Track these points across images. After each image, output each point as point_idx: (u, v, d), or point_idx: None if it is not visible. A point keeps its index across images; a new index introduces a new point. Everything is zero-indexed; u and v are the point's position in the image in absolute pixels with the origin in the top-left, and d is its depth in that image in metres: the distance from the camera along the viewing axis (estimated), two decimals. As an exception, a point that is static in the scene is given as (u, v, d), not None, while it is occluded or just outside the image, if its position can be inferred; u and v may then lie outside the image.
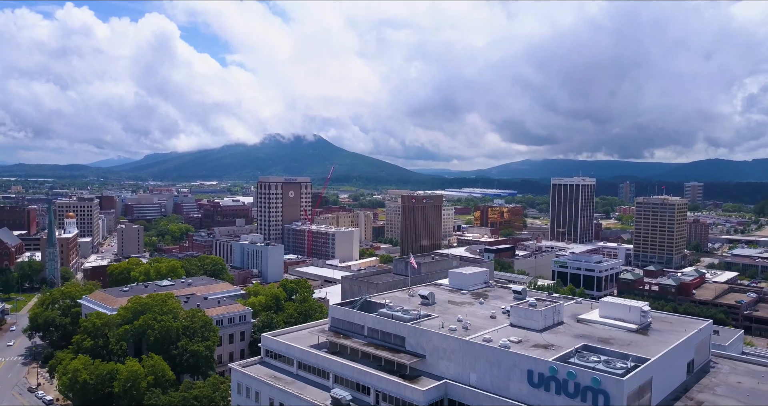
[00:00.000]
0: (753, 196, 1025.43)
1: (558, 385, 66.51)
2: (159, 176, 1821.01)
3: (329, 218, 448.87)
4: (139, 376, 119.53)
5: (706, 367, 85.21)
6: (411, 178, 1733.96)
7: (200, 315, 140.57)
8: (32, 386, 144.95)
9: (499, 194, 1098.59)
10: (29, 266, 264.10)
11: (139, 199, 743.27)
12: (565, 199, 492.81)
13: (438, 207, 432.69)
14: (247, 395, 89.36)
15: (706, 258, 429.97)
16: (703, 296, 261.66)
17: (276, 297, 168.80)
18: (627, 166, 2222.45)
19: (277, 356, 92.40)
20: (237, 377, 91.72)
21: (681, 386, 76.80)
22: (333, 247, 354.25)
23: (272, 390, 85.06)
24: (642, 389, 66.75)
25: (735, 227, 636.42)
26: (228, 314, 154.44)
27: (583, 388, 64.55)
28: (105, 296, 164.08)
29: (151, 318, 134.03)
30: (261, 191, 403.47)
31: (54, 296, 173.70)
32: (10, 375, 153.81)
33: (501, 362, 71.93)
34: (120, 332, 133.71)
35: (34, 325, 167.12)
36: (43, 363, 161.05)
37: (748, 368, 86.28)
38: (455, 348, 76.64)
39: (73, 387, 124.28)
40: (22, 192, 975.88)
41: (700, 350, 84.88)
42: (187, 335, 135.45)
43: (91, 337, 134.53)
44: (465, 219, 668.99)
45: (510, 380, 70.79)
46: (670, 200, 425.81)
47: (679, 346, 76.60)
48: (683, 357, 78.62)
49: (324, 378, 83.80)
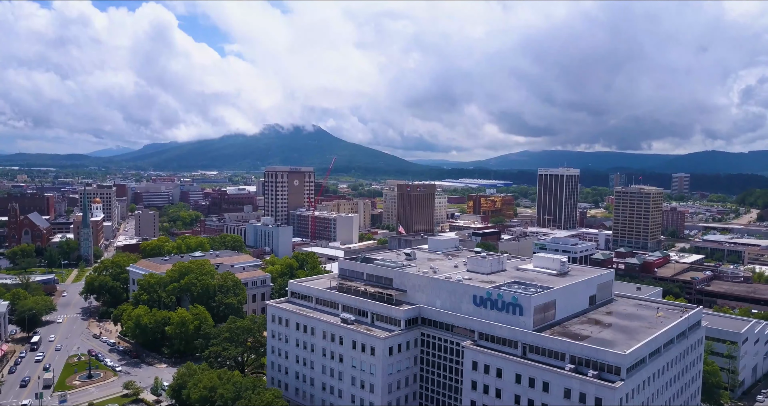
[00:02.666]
0: (743, 187, 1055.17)
1: (492, 303, 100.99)
2: (159, 166, 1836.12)
3: (331, 205, 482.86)
4: (187, 321, 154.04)
5: (608, 301, 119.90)
6: (409, 169, 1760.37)
7: (231, 277, 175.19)
8: (96, 334, 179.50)
9: (494, 185, 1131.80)
10: (67, 244, 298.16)
11: (148, 188, 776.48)
12: (551, 189, 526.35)
13: (431, 195, 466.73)
14: (279, 323, 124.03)
15: (680, 243, 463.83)
16: (664, 273, 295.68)
17: (290, 266, 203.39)
18: (625, 158, 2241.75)
19: (300, 296, 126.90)
20: (272, 310, 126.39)
21: (582, 310, 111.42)
22: (334, 231, 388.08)
23: (298, 317, 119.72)
24: (547, 306, 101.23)
25: (714, 216, 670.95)
26: (252, 278, 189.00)
27: (507, 304, 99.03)
28: (149, 263, 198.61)
29: (193, 278, 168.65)
30: (268, 180, 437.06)
31: (105, 265, 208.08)
32: (74, 327, 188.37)
33: (456, 291, 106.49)
34: (169, 288, 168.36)
35: (89, 288, 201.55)
36: (99, 318, 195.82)
37: (638, 303, 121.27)
38: (426, 284, 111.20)
39: (135, 330, 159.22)
40: (27, 181, 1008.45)
41: (603, 290, 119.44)
42: (222, 291, 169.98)
43: (146, 292, 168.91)
44: (459, 208, 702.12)
45: (461, 303, 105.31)
46: (646, 190, 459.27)
47: (580, 283, 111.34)
48: (585, 292, 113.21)
49: (335, 309, 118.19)
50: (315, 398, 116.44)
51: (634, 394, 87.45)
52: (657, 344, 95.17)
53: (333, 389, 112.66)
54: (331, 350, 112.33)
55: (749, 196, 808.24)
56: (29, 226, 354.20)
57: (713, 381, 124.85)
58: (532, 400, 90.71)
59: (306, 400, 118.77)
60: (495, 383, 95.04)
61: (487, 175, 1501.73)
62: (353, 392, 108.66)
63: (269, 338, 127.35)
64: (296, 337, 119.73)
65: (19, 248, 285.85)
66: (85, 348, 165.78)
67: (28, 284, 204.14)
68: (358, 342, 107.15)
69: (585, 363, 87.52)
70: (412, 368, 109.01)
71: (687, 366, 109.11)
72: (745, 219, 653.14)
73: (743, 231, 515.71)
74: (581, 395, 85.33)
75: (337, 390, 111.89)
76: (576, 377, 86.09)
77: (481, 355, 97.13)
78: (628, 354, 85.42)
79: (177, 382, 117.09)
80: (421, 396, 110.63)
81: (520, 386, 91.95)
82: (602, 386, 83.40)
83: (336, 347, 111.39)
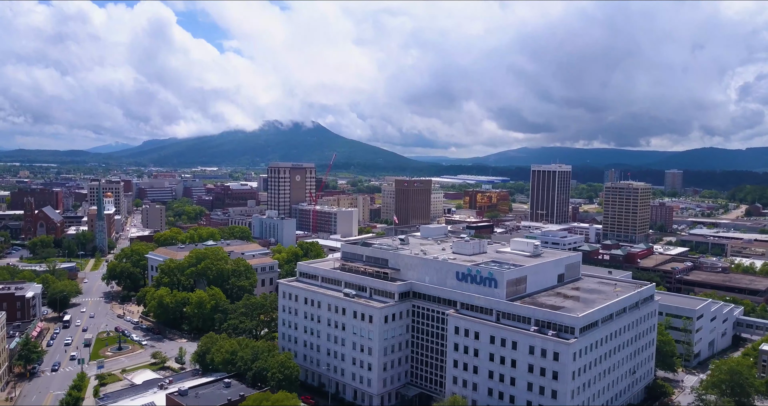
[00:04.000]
0: (738, 184, 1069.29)
1: (471, 278, 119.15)
2: (159, 162, 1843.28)
3: (331, 200, 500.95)
4: (205, 301, 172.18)
5: (575, 279, 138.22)
6: (408, 166, 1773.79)
7: (243, 262, 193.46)
8: (120, 314, 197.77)
9: (492, 181, 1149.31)
10: (83, 236, 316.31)
11: (152, 184, 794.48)
12: (543, 184, 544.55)
13: (428, 190, 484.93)
14: (289, 298, 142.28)
15: (668, 237, 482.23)
16: (646, 264, 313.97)
17: (295, 254, 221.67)
18: (623, 155, 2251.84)
19: (307, 275, 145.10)
20: (283, 288, 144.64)
21: (551, 286, 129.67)
22: (335, 224, 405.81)
23: (306, 293, 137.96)
24: (518, 281, 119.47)
25: (704, 211, 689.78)
26: (261, 264, 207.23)
27: (484, 278, 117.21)
28: (167, 251, 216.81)
29: (209, 263, 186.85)
30: (271, 175, 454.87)
31: (126, 253, 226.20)
32: (99, 308, 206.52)
33: (442, 269, 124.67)
34: (188, 272, 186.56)
35: (111, 274, 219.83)
36: (121, 301, 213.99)
37: (601, 281, 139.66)
38: (417, 263, 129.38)
39: (158, 309, 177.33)
40: (30, 177, 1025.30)
41: (571, 269, 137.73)
42: (235, 275, 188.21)
43: (167, 276, 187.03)
44: (456, 203, 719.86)
45: (446, 279, 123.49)
46: (635, 185, 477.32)
47: (549, 263, 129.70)
48: (554, 270, 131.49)
49: (338, 285, 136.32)
50: (321, 363, 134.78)
51: (586, 350, 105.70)
52: (609, 311, 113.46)
53: (336, 353, 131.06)
54: (335, 320, 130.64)
55: (739, 192, 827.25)
56: (44, 219, 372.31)
57: (667, 350, 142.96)
58: (503, 357, 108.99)
59: (313, 365, 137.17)
60: (473, 344, 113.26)
61: (485, 172, 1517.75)
62: (354, 356, 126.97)
63: (280, 312, 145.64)
64: (304, 310, 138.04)
65: (38, 239, 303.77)
66: (111, 326, 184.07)
67: (55, 270, 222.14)
68: (359, 312, 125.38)
69: (546, 325, 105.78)
70: (405, 334, 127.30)
71: (640, 333, 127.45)
72: (733, 214, 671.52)
73: (730, 226, 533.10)
74: (542, 350, 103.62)
75: (340, 354, 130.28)
76: (538, 336, 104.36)
77: (462, 321, 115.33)
78: (581, 317, 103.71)
79: (201, 349, 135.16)
80: (412, 359, 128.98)
81: (494, 345, 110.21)
82: (559, 343, 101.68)
83: (339, 317, 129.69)
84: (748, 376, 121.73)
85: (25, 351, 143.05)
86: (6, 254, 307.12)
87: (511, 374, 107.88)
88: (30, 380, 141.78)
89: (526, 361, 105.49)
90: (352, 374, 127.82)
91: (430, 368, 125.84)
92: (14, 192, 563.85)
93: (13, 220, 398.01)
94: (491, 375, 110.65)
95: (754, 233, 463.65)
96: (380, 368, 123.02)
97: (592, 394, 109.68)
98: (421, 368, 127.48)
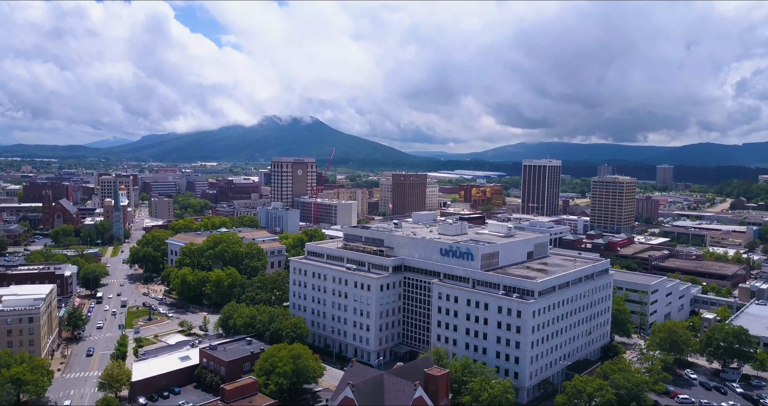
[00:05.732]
0: (730, 178, 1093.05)
1: (452, 253, 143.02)
2: (158, 157, 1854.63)
3: (331, 194, 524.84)
4: (223, 279, 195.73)
5: (543, 256, 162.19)
6: (406, 161, 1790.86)
7: (255, 246, 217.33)
8: (145, 292, 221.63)
9: (488, 176, 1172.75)
10: (101, 225, 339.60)
11: (156, 178, 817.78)
12: (535, 179, 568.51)
13: (423, 184, 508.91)
14: (299, 273, 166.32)
15: (652, 228, 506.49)
16: (626, 252, 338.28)
17: (301, 240, 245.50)
18: (620, 150, 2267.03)
19: (314, 254, 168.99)
20: (294, 264, 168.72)
21: (521, 261, 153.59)
22: (335, 216, 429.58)
23: (314, 268, 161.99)
24: (491, 256, 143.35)
25: (691, 205, 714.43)
26: (270, 248, 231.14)
27: (462, 253, 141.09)
28: (185, 236, 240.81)
29: (226, 246, 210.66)
30: (274, 169, 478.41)
31: (147, 239, 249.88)
32: (125, 288, 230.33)
33: (428, 246, 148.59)
34: (206, 254, 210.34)
35: (134, 258, 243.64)
36: (144, 281, 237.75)
37: (565, 258, 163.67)
38: (408, 242, 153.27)
39: (181, 286, 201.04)
40: (33, 172, 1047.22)
41: (539, 248, 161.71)
42: (248, 257, 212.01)
43: (188, 257, 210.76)
44: (452, 197, 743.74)
45: (432, 254, 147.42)
46: (620, 179, 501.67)
47: (519, 241, 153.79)
48: (523, 248, 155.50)
49: (341, 261, 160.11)
50: (326, 327, 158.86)
51: (544, 310, 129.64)
52: (565, 279, 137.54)
53: (340, 318, 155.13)
54: (339, 290, 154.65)
55: (727, 186, 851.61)
56: (61, 210, 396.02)
57: (623, 318, 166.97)
58: (477, 316, 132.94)
59: (320, 329, 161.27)
60: (453, 306, 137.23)
61: (482, 167, 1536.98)
62: (355, 319, 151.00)
63: (291, 285, 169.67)
64: (312, 282, 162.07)
65: (60, 229, 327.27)
66: (139, 302, 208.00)
67: (84, 255, 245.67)
68: (359, 283, 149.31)
69: (512, 290, 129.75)
70: (397, 301, 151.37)
71: (595, 301, 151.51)
72: (719, 208, 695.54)
73: (713, 218, 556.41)
74: (508, 310, 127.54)
75: (343, 319, 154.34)
76: (505, 298, 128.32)
77: (444, 288, 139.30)
78: (539, 282, 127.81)
79: (224, 315, 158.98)
80: (403, 322, 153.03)
81: (470, 307, 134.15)
82: (521, 303, 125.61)
83: (342, 287, 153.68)
84: (682, 335, 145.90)
85: (72, 318, 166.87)
86: (30, 243, 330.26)
87: (483, 330, 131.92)
88: (77, 343, 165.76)
89: (496, 319, 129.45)
90: (353, 335, 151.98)
91: (418, 330, 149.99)
92: (26, 186, 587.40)
93: (30, 212, 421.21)
94: (468, 332, 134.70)
95: (734, 225, 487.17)
96: (377, 329, 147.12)
97: (550, 347, 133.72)
98: (411, 329, 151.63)
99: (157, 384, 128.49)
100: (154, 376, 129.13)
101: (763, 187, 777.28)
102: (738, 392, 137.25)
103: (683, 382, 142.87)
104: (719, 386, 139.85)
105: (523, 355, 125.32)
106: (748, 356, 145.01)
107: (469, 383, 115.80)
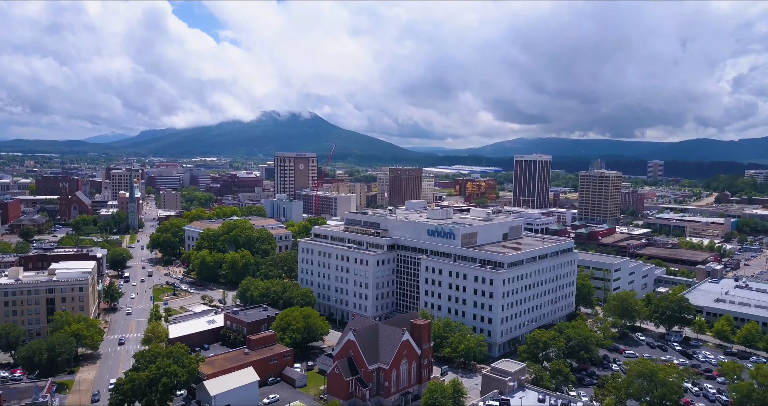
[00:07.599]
0: (724, 173, 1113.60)
1: (438, 233, 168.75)
2: (157, 152, 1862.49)
3: (331, 187, 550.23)
4: (237, 260, 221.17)
5: (517, 238, 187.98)
6: (404, 156, 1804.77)
7: (265, 231, 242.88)
8: (166, 273, 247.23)
9: (485, 171, 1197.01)
10: (118, 215, 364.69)
11: (161, 173, 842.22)
12: (526, 173, 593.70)
13: (419, 178, 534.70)
14: (307, 252, 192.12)
15: (637, 221, 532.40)
16: (606, 241, 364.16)
17: (305, 227, 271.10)
18: (618, 146, 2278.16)
19: (320, 236, 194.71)
20: (302, 245, 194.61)
21: (497, 241, 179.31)
22: (335, 208, 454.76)
23: (320, 247, 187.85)
24: (471, 236, 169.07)
25: (678, 198, 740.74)
26: (278, 234, 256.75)
27: (446, 233, 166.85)
28: (201, 223, 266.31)
29: (239, 231, 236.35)
30: (277, 164, 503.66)
31: (165, 226, 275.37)
32: (147, 269, 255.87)
33: (418, 228, 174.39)
34: (222, 238, 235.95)
35: (154, 244, 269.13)
36: (164, 264, 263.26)
37: (536, 239, 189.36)
38: (401, 225, 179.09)
39: (201, 267, 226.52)
40: (36, 166, 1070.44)
41: (514, 230, 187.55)
42: (260, 241, 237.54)
43: (206, 241, 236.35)
44: (447, 191, 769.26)
45: (421, 234, 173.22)
46: (606, 173, 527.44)
47: (495, 224, 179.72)
48: (499, 230, 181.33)
49: (343, 242, 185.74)
50: (330, 297, 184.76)
51: (513, 279, 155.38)
52: (532, 255, 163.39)
53: (342, 289, 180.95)
54: (341, 266, 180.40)
55: (714, 181, 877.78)
56: (77, 202, 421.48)
57: (587, 292, 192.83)
58: (458, 285, 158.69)
59: (324, 299, 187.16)
60: (438, 277, 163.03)
61: (479, 162, 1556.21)
62: (355, 290, 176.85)
63: (300, 262, 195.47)
64: (318, 260, 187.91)
65: (80, 218, 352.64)
66: (163, 281, 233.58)
67: (108, 240, 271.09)
68: (358, 259, 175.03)
69: (486, 263, 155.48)
70: (391, 275, 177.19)
71: (561, 274, 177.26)
72: (704, 201, 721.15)
73: (696, 211, 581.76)
74: (483, 279, 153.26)
75: (344, 290, 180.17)
76: (480, 269, 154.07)
77: (431, 262, 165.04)
78: (508, 256, 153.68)
79: (242, 288, 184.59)
80: (396, 293, 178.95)
81: (452, 277, 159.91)
82: (493, 273, 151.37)
83: (344, 263, 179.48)
84: (632, 303, 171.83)
85: (110, 292, 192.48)
86: (51, 231, 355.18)
87: (463, 297, 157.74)
88: (114, 313, 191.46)
89: (473, 287, 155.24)
90: (353, 303, 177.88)
91: (408, 298, 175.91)
92: (38, 180, 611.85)
93: (46, 203, 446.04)
94: (450, 298, 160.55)
95: (714, 217, 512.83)
96: (374, 298, 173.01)
97: (518, 310, 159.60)
98: (403, 298, 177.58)
99: (189, 341, 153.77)
100: (187, 334, 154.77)
101: (748, 182, 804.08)
102: (677, 350, 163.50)
103: (633, 342, 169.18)
104: (662, 345, 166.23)
105: (495, 316, 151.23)
106: (689, 321, 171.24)
107: (449, 338, 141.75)
